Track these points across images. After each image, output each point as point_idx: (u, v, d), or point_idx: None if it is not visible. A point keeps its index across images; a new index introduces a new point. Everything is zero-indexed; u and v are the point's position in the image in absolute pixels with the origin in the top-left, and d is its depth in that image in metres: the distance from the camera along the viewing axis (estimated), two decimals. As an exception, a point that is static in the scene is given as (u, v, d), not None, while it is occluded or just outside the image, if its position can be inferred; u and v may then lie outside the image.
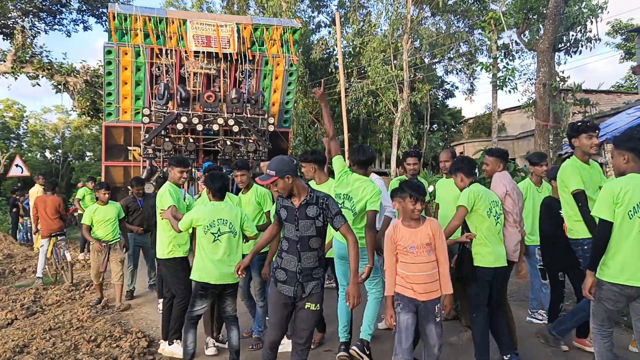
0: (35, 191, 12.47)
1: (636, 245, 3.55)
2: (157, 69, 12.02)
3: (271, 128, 12.16)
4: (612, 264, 3.62)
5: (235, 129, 11.79)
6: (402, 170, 6.79)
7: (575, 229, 4.53)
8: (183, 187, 11.23)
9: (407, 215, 3.80)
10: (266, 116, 12.28)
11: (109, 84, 12.03)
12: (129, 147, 12.33)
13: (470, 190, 4.41)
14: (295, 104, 22.21)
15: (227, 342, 4.77)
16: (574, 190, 4.44)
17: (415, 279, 3.72)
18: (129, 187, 8.66)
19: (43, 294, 8.60)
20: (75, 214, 12.86)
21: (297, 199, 3.76)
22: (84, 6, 21.11)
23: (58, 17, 21.29)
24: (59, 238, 9.70)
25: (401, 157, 6.21)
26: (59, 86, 19.80)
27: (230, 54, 12.09)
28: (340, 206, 4.08)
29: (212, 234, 4.57)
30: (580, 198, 4.42)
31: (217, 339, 5.38)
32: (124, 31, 11.62)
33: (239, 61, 12.34)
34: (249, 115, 12.03)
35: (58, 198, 9.89)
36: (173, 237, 5.23)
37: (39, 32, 20.97)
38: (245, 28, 12.28)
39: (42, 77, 19.80)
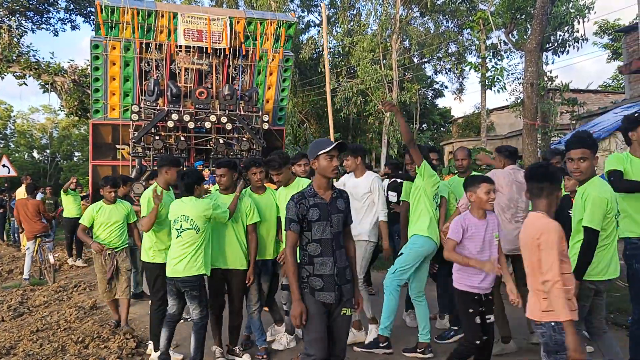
0: (22, 191, 12.35)
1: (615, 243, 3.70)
2: (146, 64, 11.62)
3: (265, 126, 11.83)
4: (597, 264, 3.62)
5: (228, 126, 11.42)
6: (387, 169, 6.79)
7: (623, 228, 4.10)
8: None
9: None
10: (260, 113, 11.93)
11: (96, 79, 11.59)
12: (118, 146, 11.92)
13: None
14: (285, 104, 22.14)
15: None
16: (610, 169, 4.11)
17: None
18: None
19: (30, 295, 8.53)
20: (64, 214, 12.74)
21: (328, 193, 3.42)
22: (72, 5, 20.94)
23: (45, 16, 21.10)
24: (44, 239, 9.70)
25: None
26: (47, 86, 19.62)
27: (223, 49, 11.74)
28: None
29: (176, 229, 4.64)
30: (615, 174, 4.06)
31: (230, 350, 5.08)
32: (112, 24, 11.19)
33: (232, 56, 11.99)
34: (242, 113, 11.67)
35: (38, 200, 9.92)
36: (154, 242, 5.14)
37: (26, 31, 20.78)
38: (238, 22, 11.89)
39: (29, 76, 19.59)
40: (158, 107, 11.24)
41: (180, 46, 11.52)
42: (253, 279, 4.91)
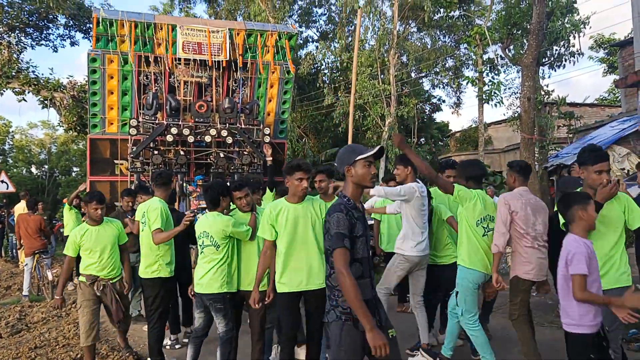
0: (22, 207, 12.30)
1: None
2: (145, 77, 11.45)
3: (267, 139, 11.47)
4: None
5: (229, 140, 11.21)
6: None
7: None
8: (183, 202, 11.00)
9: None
10: (261, 126, 11.67)
11: (94, 93, 11.37)
12: (116, 161, 11.72)
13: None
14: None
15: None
16: None
17: None
18: (116, 203, 8.30)
19: (28, 311, 8.48)
20: (62, 230, 12.62)
21: (360, 205, 3.10)
22: (71, 21, 21.07)
23: (45, 32, 21.23)
24: (42, 256, 9.67)
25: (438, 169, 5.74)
26: (46, 101, 19.69)
27: (223, 61, 11.55)
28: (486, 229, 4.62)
29: (199, 246, 4.60)
30: None
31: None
32: (110, 37, 11.00)
33: (232, 69, 11.79)
34: (243, 126, 11.44)
35: (39, 217, 9.84)
36: (160, 256, 5.06)
37: (26, 48, 20.92)
38: (238, 34, 11.71)
39: (28, 92, 19.67)
40: (157, 121, 11.04)
41: (180, 59, 11.32)
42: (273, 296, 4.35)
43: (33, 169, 44.39)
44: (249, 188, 4.73)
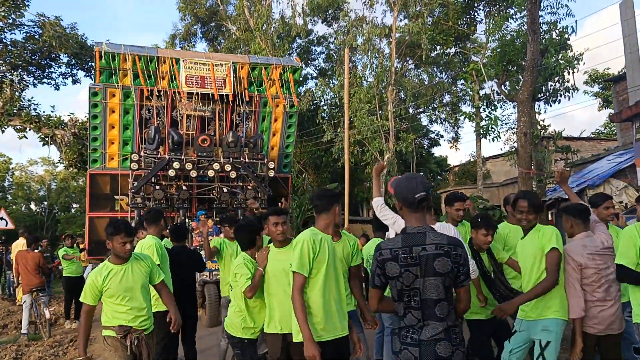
0: (21, 244, 12.25)
1: None
2: (147, 111, 11.24)
3: (271, 173, 11.28)
4: None
5: (233, 174, 10.98)
6: None
7: None
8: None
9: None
10: (265, 160, 11.43)
11: (95, 128, 11.10)
12: (116, 197, 11.38)
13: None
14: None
15: None
16: None
17: None
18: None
19: (25, 350, 8.37)
20: (60, 267, 12.59)
21: None
22: (73, 60, 21.38)
23: (47, 70, 21.49)
24: (39, 294, 9.59)
25: (446, 202, 5.47)
26: (47, 139, 19.82)
27: (227, 95, 11.34)
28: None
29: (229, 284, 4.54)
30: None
31: None
32: (112, 71, 10.84)
33: (236, 102, 11.61)
34: (247, 160, 11.18)
35: (38, 254, 9.80)
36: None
37: (28, 86, 21.11)
38: (242, 67, 11.59)
39: (29, 130, 19.82)
40: (159, 156, 10.82)
41: (182, 93, 11.13)
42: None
43: (32, 206, 44.39)
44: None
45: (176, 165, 10.53)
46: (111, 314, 4.13)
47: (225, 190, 11.09)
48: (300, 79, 28.97)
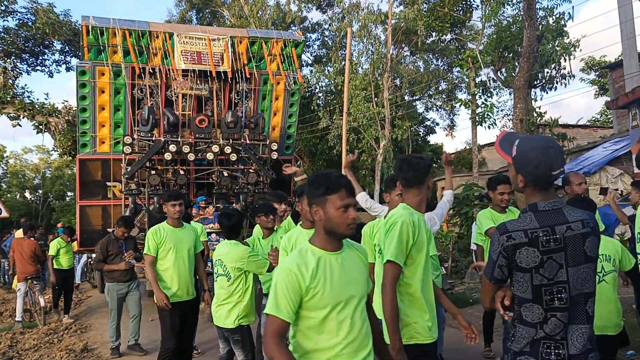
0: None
1: None
2: (139, 91, 10.42)
3: (275, 155, 10.59)
4: None
5: (233, 157, 10.18)
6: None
7: None
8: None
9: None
10: (267, 142, 10.73)
11: (84, 110, 10.25)
12: (108, 183, 10.72)
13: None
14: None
15: None
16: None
17: None
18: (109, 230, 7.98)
19: (20, 338, 8.35)
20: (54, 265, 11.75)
21: None
22: (67, 47, 21.20)
23: (40, 58, 21.33)
24: (34, 282, 9.55)
25: (488, 186, 5.11)
26: (40, 126, 19.68)
27: (225, 72, 10.49)
28: None
29: (214, 273, 4.42)
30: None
31: None
32: (101, 48, 9.91)
33: (235, 80, 10.81)
34: (247, 142, 10.35)
35: (34, 241, 9.70)
36: (160, 281, 4.93)
37: (21, 73, 20.97)
38: (240, 42, 10.77)
39: (23, 117, 19.68)
40: (153, 138, 10.05)
41: (177, 70, 10.33)
42: None
43: (27, 194, 44.25)
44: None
45: (172, 148, 9.75)
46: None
47: (225, 174, 10.33)
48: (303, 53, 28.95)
